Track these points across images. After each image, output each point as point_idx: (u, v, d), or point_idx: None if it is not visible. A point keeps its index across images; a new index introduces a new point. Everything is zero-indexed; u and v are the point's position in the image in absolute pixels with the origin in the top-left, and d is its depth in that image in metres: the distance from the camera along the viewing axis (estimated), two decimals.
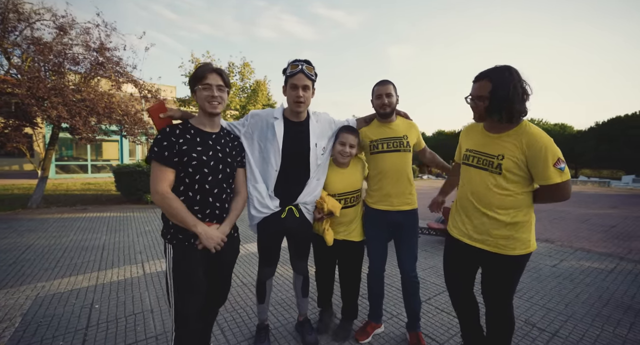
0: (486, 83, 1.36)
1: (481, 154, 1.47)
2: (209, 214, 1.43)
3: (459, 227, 1.57)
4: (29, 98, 5.97)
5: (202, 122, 1.48)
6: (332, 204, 1.84)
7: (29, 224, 5.38)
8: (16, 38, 6.69)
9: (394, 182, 1.90)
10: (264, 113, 1.77)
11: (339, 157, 1.88)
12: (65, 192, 9.81)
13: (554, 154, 1.29)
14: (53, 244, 4.23)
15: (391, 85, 1.90)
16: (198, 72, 1.40)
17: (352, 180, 1.95)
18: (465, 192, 1.55)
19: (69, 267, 3.38)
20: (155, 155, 1.34)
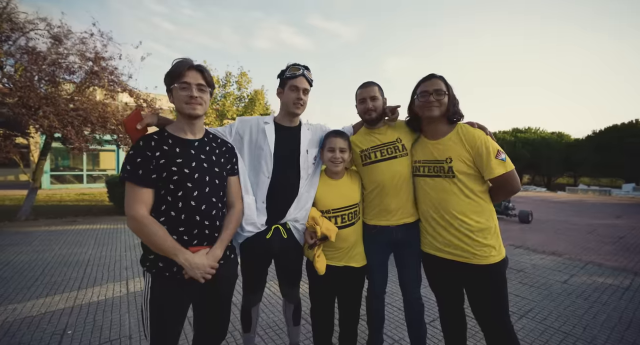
0: (440, 81, 1.48)
1: (430, 162, 1.52)
2: (198, 235, 1.24)
3: (430, 242, 1.56)
4: (20, 107, 5.84)
5: (181, 128, 1.30)
6: (327, 226, 1.60)
7: (13, 237, 5.15)
8: (9, 48, 6.62)
9: (395, 195, 1.67)
10: (254, 119, 1.67)
11: (330, 165, 1.67)
12: (58, 203, 9.58)
13: (494, 147, 1.38)
14: (34, 259, 4.00)
15: (376, 86, 1.71)
16: (174, 69, 1.22)
17: (348, 192, 1.72)
18: (426, 204, 1.54)
19: (46, 285, 3.15)
20: (128, 174, 1.17)
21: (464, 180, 1.42)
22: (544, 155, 23.45)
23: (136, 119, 1.31)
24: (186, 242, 1.22)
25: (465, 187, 1.42)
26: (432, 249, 1.55)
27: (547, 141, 24.98)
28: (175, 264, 1.19)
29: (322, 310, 1.78)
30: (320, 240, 1.61)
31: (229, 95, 12.70)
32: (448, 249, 1.47)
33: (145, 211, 1.17)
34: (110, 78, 7.18)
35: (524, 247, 4.95)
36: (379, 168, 1.70)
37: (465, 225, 1.41)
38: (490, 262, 1.38)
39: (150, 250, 1.21)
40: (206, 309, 1.38)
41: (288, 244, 1.63)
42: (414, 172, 1.62)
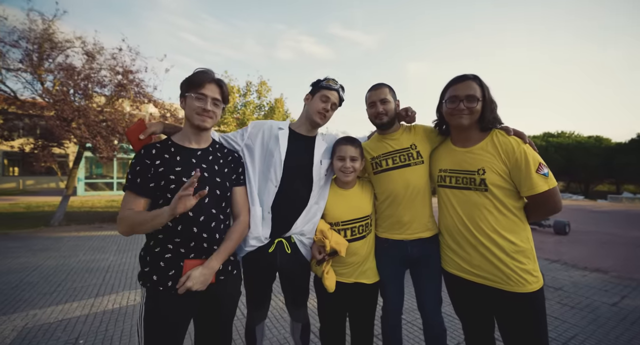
0: (473, 84, 1.29)
1: (459, 172, 1.35)
2: (194, 248, 1.19)
3: (454, 261, 1.39)
4: (55, 119, 6.26)
5: (186, 137, 1.28)
6: (337, 239, 1.48)
7: (44, 242, 5.43)
8: (50, 65, 7.17)
9: (409, 206, 1.54)
10: (267, 123, 1.59)
11: (340, 175, 1.55)
12: (89, 209, 10.11)
13: (535, 159, 1.20)
14: (60, 264, 4.16)
15: (386, 88, 1.58)
16: (195, 79, 1.22)
17: (360, 203, 1.59)
18: (452, 218, 1.38)
19: (67, 292, 3.23)
20: (129, 183, 1.16)
21: (498, 195, 1.25)
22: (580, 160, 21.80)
23: (139, 129, 1.28)
24: (182, 255, 1.17)
25: (498, 202, 1.25)
26: (457, 269, 1.38)
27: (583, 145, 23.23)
28: (170, 278, 1.14)
29: (332, 331, 1.64)
30: (329, 256, 1.49)
31: (249, 103, 13.00)
32: (477, 270, 1.30)
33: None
34: (136, 90, 7.55)
35: (561, 262, 4.49)
36: (390, 177, 1.57)
37: (498, 245, 1.24)
38: (527, 290, 1.20)
39: (146, 262, 1.18)
40: (206, 327, 1.30)
41: (293, 260, 1.52)
42: (439, 181, 1.46)
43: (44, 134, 6.96)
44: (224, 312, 1.31)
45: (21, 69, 6.69)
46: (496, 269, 1.24)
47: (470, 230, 1.30)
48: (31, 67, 6.69)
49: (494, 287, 1.25)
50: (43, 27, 6.78)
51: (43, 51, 6.87)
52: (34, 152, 6.95)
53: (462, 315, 1.46)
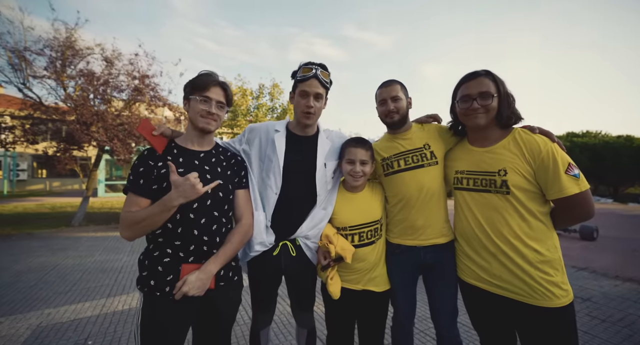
0: (486, 80, 1.20)
1: (477, 174, 1.25)
2: (195, 251, 1.17)
3: (472, 270, 1.29)
4: (75, 123, 6.50)
5: (189, 139, 1.27)
6: (342, 245, 1.41)
7: (64, 242, 5.63)
8: (72, 71, 7.48)
9: (422, 210, 1.45)
10: (263, 126, 1.51)
11: (350, 179, 1.47)
12: (108, 210, 10.46)
13: (564, 158, 1.09)
14: (77, 264, 4.28)
15: (398, 85, 1.49)
16: (199, 82, 1.22)
17: (369, 207, 1.51)
18: (470, 223, 1.27)
19: (81, 291, 3.29)
20: (130, 184, 1.16)
21: (521, 198, 1.14)
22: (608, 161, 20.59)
23: (147, 126, 1.26)
24: (182, 259, 1.15)
25: (522, 206, 1.15)
26: (475, 278, 1.28)
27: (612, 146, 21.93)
28: (167, 283, 1.12)
29: (339, 339, 1.56)
30: (334, 261, 1.43)
31: (261, 106, 13.10)
32: (497, 281, 1.19)
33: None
34: (152, 94, 7.76)
35: (589, 270, 4.18)
36: (402, 178, 1.48)
37: (521, 254, 1.13)
38: (555, 305, 1.08)
39: (144, 266, 1.16)
40: (205, 334, 1.27)
41: (298, 263, 1.46)
42: (455, 184, 1.37)
43: (65, 138, 7.26)
44: (224, 318, 1.27)
45: (45, 76, 7.02)
46: (519, 280, 1.13)
47: (489, 237, 1.20)
48: (55, 73, 7.01)
49: (516, 300, 1.14)
50: (66, 36, 7.10)
51: (65, 58, 7.18)
52: (57, 155, 7.25)
53: (480, 329, 1.34)
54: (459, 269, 1.39)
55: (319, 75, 1.37)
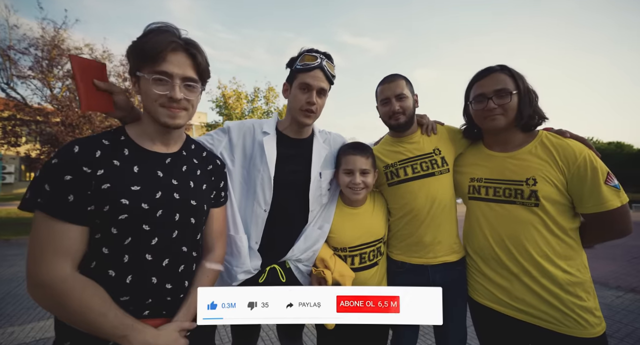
0: (502, 76, 1.06)
1: (500, 182, 1.10)
2: (153, 304, 0.82)
3: (488, 290, 1.13)
4: (60, 125, 6.27)
5: (148, 135, 0.86)
6: (341, 270, 1.22)
7: None
8: (59, 72, 7.26)
9: (432, 224, 1.27)
10: (247, 125, 1.22)
11: (349, 192, 1.25)
12: None
13: (603, 168, 0.96)
14: None
15: (402, 81, 1.29)
16: (149, 45, 0.77)
17: (371, 223, 1.31)
18: (487, 238, 1.12)
19: None
20: (44, 200, 0.70)
21: (551, 211, 1.00)
22: None
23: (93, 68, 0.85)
24: (132, 314, 0.78)
25: (551, 220, 1.01)
26: (491, 300, 1.12)
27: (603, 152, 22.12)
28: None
29: None
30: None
31: (256, 109, 12.93)
32: (520, 305, 1.05)
33: (68, 269, 0.71)
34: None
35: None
36: (409, 189, 1.29)
37: (549, 275, 1.00)
38: (589, 335, 0.95)
39: (65, 332, 0.76)
40: None
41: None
42: (470, 193, 1.21)
43: (49, 140, 7.00)
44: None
45: (30, 76, 6.79)
46: (547, 305, 0.99)
47: (512, 255, 1.06)
48: (41, 73, 6.79)
49: (542, 328, 1.00)
50: (53, 35, 6.89)
51: (52, 58, 6.97)
52: (40, 157, 6.98)
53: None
54: (470, 288, 1.23)
55: (324, 66, 1.12)
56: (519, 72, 1.07)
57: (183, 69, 0.80)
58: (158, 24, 0.81)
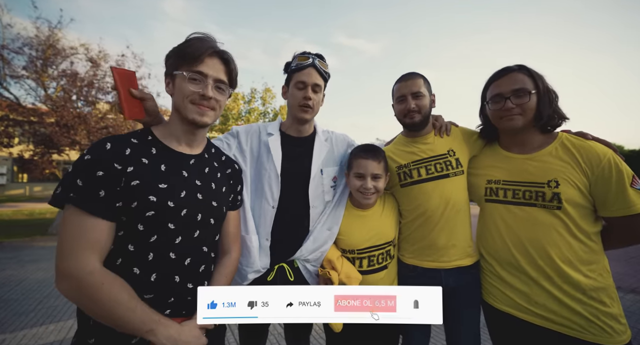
0: (520, 75, 1.05)
1: (519, 184, 1.07)
2: (175, 303, 0.84)
3: (506, 295, 1.09)
4: (55, 126, 6.16)
5: (174, 135, 0.90)
6: (347, 272, 1.21)
7: (37, 252, 5.22)
8: (53, 71, 7.14)
9: (445, 227, 1.25)
10: (254, 127, 1.30)
11: (360, 197, 1.25)
12: None
13: (627, 170, 0.94)
14: (48, 278, 3.91)
15: (420, 79, 1.28)
16: (190, 49, 0.85)
17: (381, 226, 1.30)
18: (504, 242, 1.09)
19: (47, 311, 2.96)
20: (76, 194, 0.73)
21: (573, 215, 0.98)
22: None
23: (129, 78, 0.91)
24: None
25: (573, 223, 0.98)
26: (510, 305, 1.08)
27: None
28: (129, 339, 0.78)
29: None
30: None
31: (253, 110, 12.88)
32: (540, 311, 1.01)
33: (97, 263, 0.73)
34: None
35: None
36: (423, 190, 1.27)
37: (571, 280, 0.97)
38: (615, 343, 0.92)
39: (88, 330, 0.77)
40: None
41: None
42: (487, 195, 1.17)
43: (43, 141, 6.88)
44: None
45: (24, 76, 6.67)
46: (570, 311, 0.96)
47: (531, 259, 1.02)
48: (35, 73, 6.67)
49: (565, 334, 0.97)
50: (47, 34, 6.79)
51: (47, 58, 6.85)
52: (34, 158, 6.85)
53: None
54: (485, 293, 1.20)
55: (317, 64, 1.21)
56: (538, 72, 1.05)
57: (217, 72, 0.88)
58: (200, 33, 0.91)
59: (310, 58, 1.20)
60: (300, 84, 1.20)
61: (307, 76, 1.19)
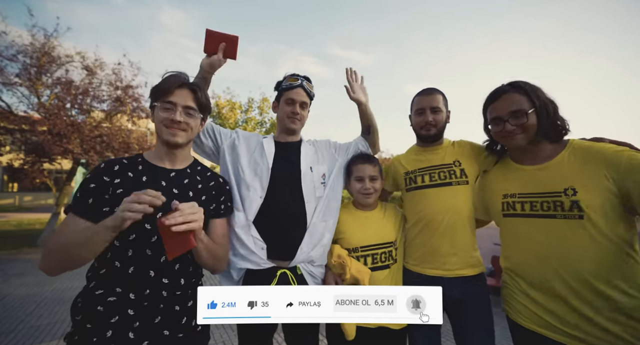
0: (517, 95, 1.04)
1: (535, 196, 1.02)
2: (150, 296, 0.94)
3: (533, 313, 1.01)
4: (47, 134, 6.01)
5: (158, 155, 1.09)
6: (357, 267, 1.27)
7: (23, 265, 4.99)
8: (47, 79, 7.03)
9: (446, 234, 1.29)
10: (252, 134, 1.48)
11: (361, 198, 1.40)
12: None
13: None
14: (32, 294, 3.71)
15: (440, 95, 1.39)
16: (161, 84, 1.04)
17: (382, 226, 1.39)
18: (528, 257, 1.03)
19: (28, 331, 2.77)
20: (74, 203, 0.94)
21: (599, 222, 0.90)
22: None
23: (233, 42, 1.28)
24: (131, 302, 0.93)
25: (599, 232, 0.90)
26: (540, 325, 0.99)
27: None
28: (110, 326, 0.89)
29: None
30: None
31: (250, 120, 12.85)
32: (574, 332, 0.92)
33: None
34: (134, 105, 7.39)
35: None
36: (425, 196, 1.35)
37: (608, 298, 0.88)
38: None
39: (78, 309, 0.92)
40: None
41: None
42: (505, 210, 1.12)
43: (34, 149, 6.70)
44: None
45: (17, 83, 6.55)
46: (606, 333, 0.87)
47: (559, 275, 0.95)
48: (29, 81, 6.56)
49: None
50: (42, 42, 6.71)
51: (41, 65, 6.76)
52: (24, 167, 6.66)
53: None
54: (512, 310, 1.11)
55: (304, 85, 1.40)
56: (533, 85, 1.04)
57: (185, 100, 1.04)
58: (173, 71, 1.10)
59: (299, 79, 1.39)
60: (290, 101, 1.38)
61: (296, 95, 1.38)
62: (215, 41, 1.26)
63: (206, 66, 1.28)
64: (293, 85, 1.38)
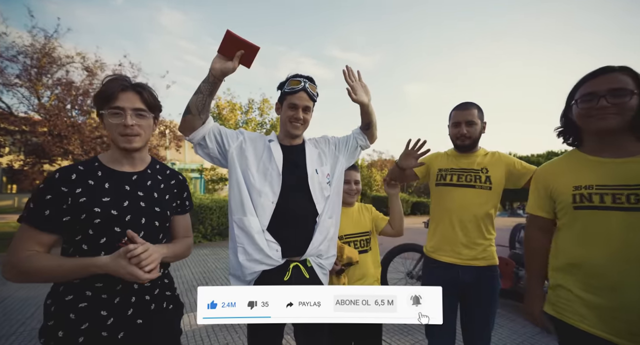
0: (620, 76, 0.96)
1: (621, 188, 0.94)
2: (122, 290, 0.98)
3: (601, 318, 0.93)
4: (47, 135, 5.99)
5: (116, 159, 1.06)
6: (349, 249, 1.56)
7: None
8: (48, 80, 7.03)
9: (459, 226, 1.48)
10: (257, 135, 1.47)
11: (346, 197, 1.65)
12: None
13: None
14: (32, 296, 3.66)
15: (475, 110, 1.50)
16: (103, 90, 0.99)
17: (360, 219, 1.71)
18: (601, 253, 0.95)
19: (29, 334, 2.73)
20: (29, 214, 0.91)
21: None
22: None
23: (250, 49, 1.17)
24: (103, 302, 0.96)
25: None
26: (612, 333, 0.91)
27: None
28: (81, 333, 0.90)
29: None
30: (345, 266, 1.54)
31: (250, 121, 12.84)
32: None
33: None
34: None
35: None
36: (450, 193, 1.53)
37: None
38: None
39: (50, 313, 0.93)
40: None
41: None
42: (577, 202, 1.02)
43: (34, 151, 6.69)
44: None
45: (18, 84, 6.53)
46: None
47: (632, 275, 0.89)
48: (29, 82, 6.55)
49: None
50: (43, 43, 6.71)
51: (42, 66, 6.75)
52: (24, 169, 6.64)
53: None
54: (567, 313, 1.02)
55: (307, 88, 1.36)
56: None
57: (132, 103, 1.00)
58: (112, 75, 1.06)
59: (301, 82, 1.35)
60: (292, 105, 1.36)
61: (298, 99, 1.35)
62: (234, 46, 1.15)
63: (219, 73, 1.18)
64: (295, 90, 1.34)
